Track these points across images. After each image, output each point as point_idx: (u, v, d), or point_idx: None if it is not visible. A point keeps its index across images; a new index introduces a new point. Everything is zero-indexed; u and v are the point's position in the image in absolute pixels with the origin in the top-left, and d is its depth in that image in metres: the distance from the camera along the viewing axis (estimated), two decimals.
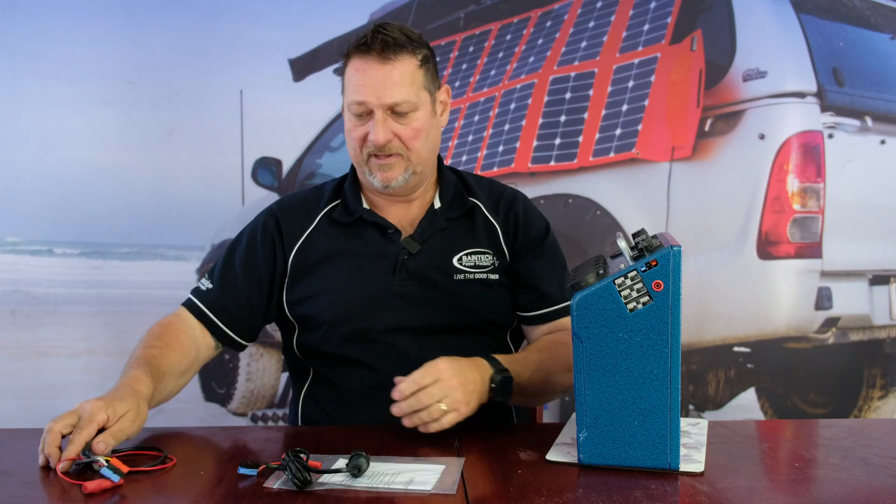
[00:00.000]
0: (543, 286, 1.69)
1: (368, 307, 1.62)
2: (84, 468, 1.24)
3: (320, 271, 1.65)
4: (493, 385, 1.46)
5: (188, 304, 1.67)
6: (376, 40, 1.54)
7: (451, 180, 1.73)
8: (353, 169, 1.73)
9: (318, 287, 1.64)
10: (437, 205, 1.69)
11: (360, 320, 1.62)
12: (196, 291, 1.68)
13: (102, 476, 1.18)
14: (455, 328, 1.64)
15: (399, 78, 1.55)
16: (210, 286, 1.67)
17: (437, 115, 1.65)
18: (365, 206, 1.68)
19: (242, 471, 1.23)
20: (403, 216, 1.68)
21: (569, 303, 1.64)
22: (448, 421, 1.38)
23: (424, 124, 1.59)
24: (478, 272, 1.66)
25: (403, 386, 1.37)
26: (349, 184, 1.71)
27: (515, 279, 1.70)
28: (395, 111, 1.56)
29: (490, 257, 1.67)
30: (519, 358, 1.58)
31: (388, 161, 1.59)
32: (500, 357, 1.52)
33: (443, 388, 1.37)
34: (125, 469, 1.19)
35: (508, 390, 1.48)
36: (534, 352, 1.65)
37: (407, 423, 1.37)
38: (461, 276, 1.64)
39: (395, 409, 1.37)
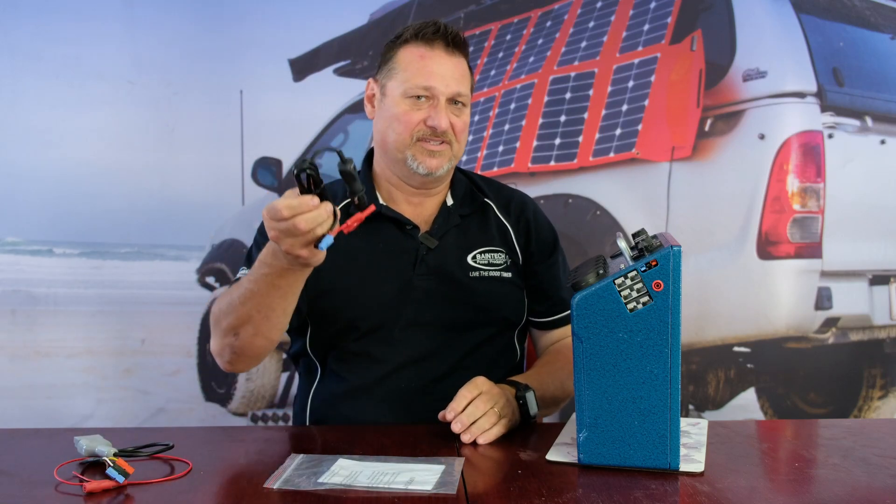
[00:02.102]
0: (560, 292, 1.74)
1: (388, 302, 1.63)
2: (89, 468, 1.24)
3: (338, 267, 1.64)
4: (521, 402, 1.49)
5: None
6: (446, 33, 1.61)
7: (462, 179, 1.77)
8: (366, 165, 1.74)
9: (337, 283, 1.64)
10: (450, 202, 1.71)
11: (381, 315, 1.63)
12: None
13: (107, 476, 1.18)
14: (468, 324, 1.66)
15: (463, 72, 1.64)
16: None
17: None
18: (381, 201, 1.69)
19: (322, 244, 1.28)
20: (418, 213, 1.70)
21: None
22: (498, 430, 1.42)
23: (468, 121, 1.68)
24: (492, 270, 1.68)
25: (455, 403, 1.41)
26: (363, 179, 1.72)
27: (532, 285, 1.73)
28: (452, 101, 1.62)
29: (503, 255, 1.71)
30: (531, 376, 1.62)
31: (440, 148, 1.62)
32: (514, 378, 1.56)
33: (490, 397, 1.44)
34: (130, 470, 1.19)
35: (535, 402, 1.51)
36: (542, 366, 1.70)
37: (466, 437, 1.40)
38: (476, 274, 1.67)
39: (456, 426, 1.40)
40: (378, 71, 1.68)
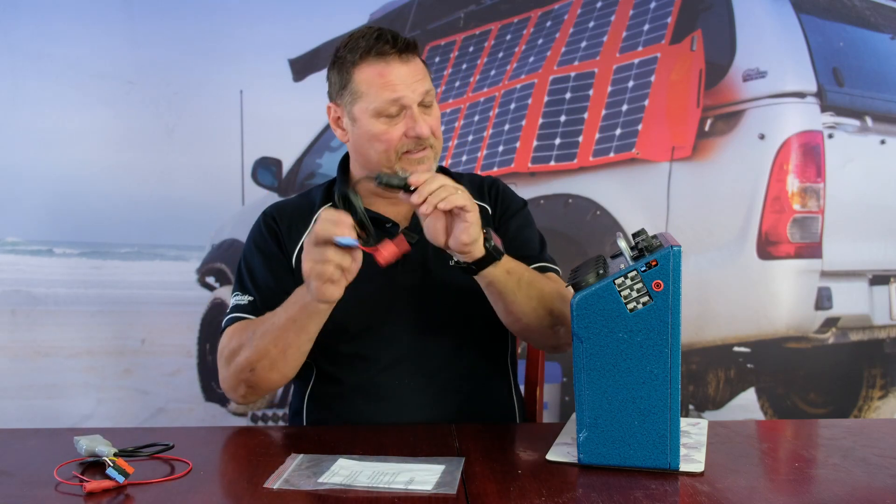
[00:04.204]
0: (523, 249, 1.69)
1: (374, 301, 1.63)
2: (89, 468, 1.24)
3: None
4: (485, 231, 1.47)
5: (235, 322, 1.63)
6: (396, 43, 1.60)
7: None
8: (340, 170, 1.75)
9: None
10: None
11: (368, 315, 1.63)
12: (236, 308, 1.64)
13: (107, 476, 1.18)
14: (456, 314, 1.65)
15: (421, 72, 1.63)
16: (249, 298, 1.64)
17: None
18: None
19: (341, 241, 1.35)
20: (399, 211, 1.70)
21: (548, 263, 1.65)
22: (461, 198, 1.41)
23: (439, 115, 1.66)
24: None
25: (418, 176, 1.42)
26: (339, 184, 1.73)
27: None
28: (422, 104, 1.61)
29: None
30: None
31: (424, 154, 1.61)
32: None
33: (449, 187, 1.43)
34: (130, 470, 1.19)
35: (495, 249, 1.48)
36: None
37: (424, 208, 1.41)
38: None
39: (416, 197, 1.41)
40: (336, 95, 1.66)
